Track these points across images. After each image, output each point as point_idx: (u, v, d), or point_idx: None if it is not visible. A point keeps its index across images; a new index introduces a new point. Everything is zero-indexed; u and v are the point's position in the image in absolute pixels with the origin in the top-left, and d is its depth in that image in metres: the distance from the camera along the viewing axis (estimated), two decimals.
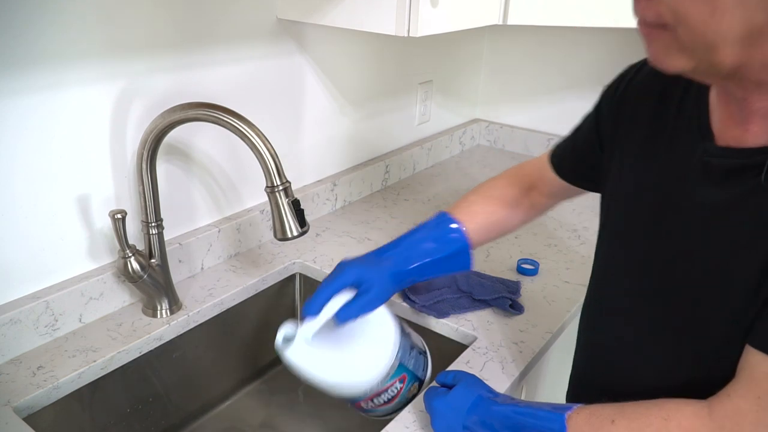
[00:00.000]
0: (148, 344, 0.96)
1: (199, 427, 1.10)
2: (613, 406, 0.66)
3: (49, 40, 0.84)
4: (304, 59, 1.26)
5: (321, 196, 1.38)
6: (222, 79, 1.10)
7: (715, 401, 0.60)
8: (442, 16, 1.04)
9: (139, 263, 0.94)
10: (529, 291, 1.13)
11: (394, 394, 0.83)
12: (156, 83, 1.00)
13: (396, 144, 1.65)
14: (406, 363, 0.83)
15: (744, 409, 0.57)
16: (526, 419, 0.69)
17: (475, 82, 1.92)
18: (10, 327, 0.87)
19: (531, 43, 1.80)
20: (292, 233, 0.85)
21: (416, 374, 0.85)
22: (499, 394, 0.76)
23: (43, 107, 0.86)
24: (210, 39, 1.06)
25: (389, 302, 0.87)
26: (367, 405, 0.84)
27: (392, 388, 0.82)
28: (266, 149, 0.81)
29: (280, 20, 1.17)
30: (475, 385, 0.77)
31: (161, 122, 0.87)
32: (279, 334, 0.82)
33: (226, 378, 1.15)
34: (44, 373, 0.87)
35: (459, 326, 1.02)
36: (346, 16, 1.06)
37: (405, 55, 1.56)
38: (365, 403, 0.83)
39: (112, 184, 0.98)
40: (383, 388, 0.81)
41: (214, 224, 1.17)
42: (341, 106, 1.41)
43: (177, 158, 1.07)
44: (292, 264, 1.21)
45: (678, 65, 0.55)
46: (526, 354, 0.96)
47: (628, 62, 0.98)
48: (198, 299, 1.06)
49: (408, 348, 0.84)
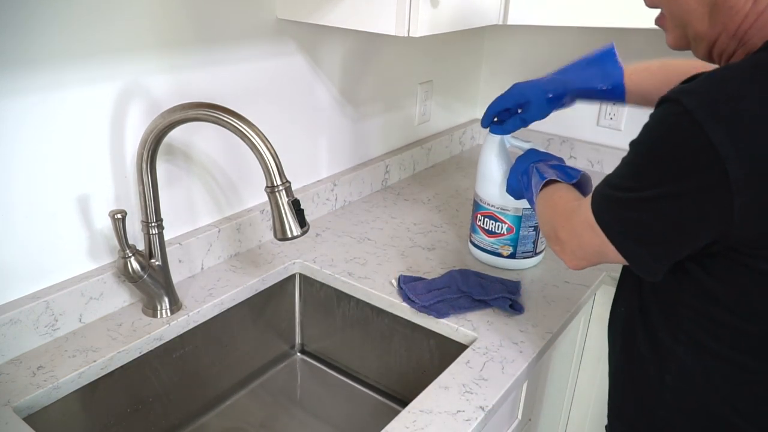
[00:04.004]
0: (148, 344, 0.96)
1: (199, 427, 1.10)
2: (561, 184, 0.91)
3: (48, 39, 0.84)
4: (304, 59, 1.26)
5: (321, 196, 1.38)
6: (222, 79, 1.10)
7: (580, 203, 0.77)
8: (442, 16, 1.04)
9: (139, 263, 0.94)
10: (529, 291, 1.13)
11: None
12: (156, 83, 1.00)
13: (396, 144, 1.65)
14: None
15: (578, 213, 0.75)
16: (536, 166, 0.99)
17: (475, 82, 1.92)
18: (10, 327, 0.87)
19: (531, 43, 1.80)
20: (292, 233, 0.85)
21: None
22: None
23: (43, 107, 0.86)
24: (210, 39, 1.06)
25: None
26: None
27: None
28: (266, 149, 0.81)
29: (280, 20, 1.17)
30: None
31: (161, 122, 0.87)
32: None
33: (226, 378, 1.15)
34: (44, 373, 0.87)
35: (459, 326, 1.02)
36: (346, 16, 1.06)
37: (405, 55, 1.56)
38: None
39: (112, 184, 0.98)
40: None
41: (214, 224, 1.17)
42: (341, 106, 1.41)
43: (177, 158, 1.07)
44: (292, 264, 1.21)
45: (676, 40, 0.73)
46: (526, 354, 0.96)
47: (627, 62, 0.98)
48: (198, 299, 1.06)
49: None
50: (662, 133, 0.63)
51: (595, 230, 0.71)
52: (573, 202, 0.82)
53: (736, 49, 0.67)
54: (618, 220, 0.69)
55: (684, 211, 0.62)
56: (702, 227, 0.62)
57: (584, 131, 1.76)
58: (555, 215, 0.84)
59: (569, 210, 0.80)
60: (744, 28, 0.65)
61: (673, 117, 0.61)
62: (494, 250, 1.19)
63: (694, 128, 0.58)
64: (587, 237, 0.73)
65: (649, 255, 0.68)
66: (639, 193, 0.65)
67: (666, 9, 0.72)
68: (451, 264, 1.20)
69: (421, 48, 1.61)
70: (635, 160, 0.67)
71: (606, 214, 0.70)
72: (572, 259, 0.79)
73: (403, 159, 1.64)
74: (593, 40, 1.67)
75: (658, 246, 0.67)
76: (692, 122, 0.58)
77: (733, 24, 0.65)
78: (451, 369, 0.92)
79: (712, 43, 0.69)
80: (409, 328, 1.09)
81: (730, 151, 0.57)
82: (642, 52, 1.61)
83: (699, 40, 0.70)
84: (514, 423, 1.06)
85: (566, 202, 0.84)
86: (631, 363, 0.80)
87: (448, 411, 0.84)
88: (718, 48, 0.69)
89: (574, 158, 1.78)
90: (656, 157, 0.64)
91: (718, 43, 0.68)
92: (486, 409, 0.85)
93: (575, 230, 0.76)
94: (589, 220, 0.71)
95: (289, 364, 1.27)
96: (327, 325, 1.22)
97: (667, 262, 0.68)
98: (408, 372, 1.13)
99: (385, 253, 1.24)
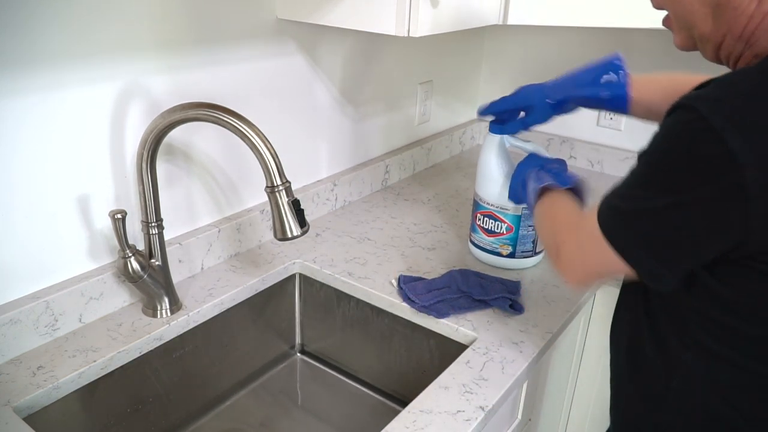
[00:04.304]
0: (148, 344, 0.96)
1: (199, 427, 1.10)
2: (564, 194, 0.90)
3: (48, 40, 0.84)
4: (304, 59, 1.26)
5: (321, 196, 1.38)
6: (222, 79, 1.10)
7: (583, 216, 0.76)
8: (442, 16, 1.04)
9: (139, 263, 0.94)
10: (529, 291, 1.13)
11: None
12: (156, 83, 1.00)
13: (396, 144, 1.65)
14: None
15: (582, 226, 0.74)
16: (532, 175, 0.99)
17: (475, 82, 1.92)
18: (10, 327, 0.87)
19: (531, 43, 1.80)
20: (292, 233, 0.85)
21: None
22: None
23: (43, 107, 0.86)
24: (210, 39, 1.06)
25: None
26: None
27: None
28: (266, 149, 0.81)
29: (280, 20, 1.17)
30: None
31: (161, 122, 0.87)
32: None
33: (226, 378, 1.15)
34: (44, 373, 0.87)
35: (459, 326, 1.02)
36: (346, 16, 1.06)
37: (405, 55, 1.56)
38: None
39: (112, 184, 0.98)
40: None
41: (214, 224, 1.17)
42: (341, 106, 1.41)
43: (177, 158, 1.07)
44: (292, 264, 1.21)
45: (683, 41, 0.72)
46: (526, 354, 0.96)
47: (627, 61, 0.98)
48: (198, 299, 1.06)
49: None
50: (677, 140, 0.61)
51: (601, 244, 0.69)
52: (575, 216, 0.81)
53: (743, 51, 0.66)
54: (628, 232, 0.67)
55: (699, 220, 0.61)
56: (718, 235, 0.61)
57: (584, 131, 1.76)
58: (556, 228, 0.82)
59: (572, 223, 0.79)
60: (750, 30, 0.64)
61: (689, 124, 0.60)
62: (494, 250, 1.19)
63: (711, 135, 0.57)
64: (592, 251, 0.71)
65: (662, 266, 0.66)
66: (651, 203, 0.63)
67: (670, 10, 0.72)
68: (451, 264, 1.20)
69: (421, 48, 1.61)
70: (646, 169, 0.65)
71: (615, 227, 0.68)
72: (574, 275, 0.76)
73: (403, 159, 1.64)
74: (594, 40, 1.68)
75: (671, 256, 0.65)
76: (709, 129, 0.57)
77: (738, 25, 0.65)
78: (451, 369, 0.92)
79: (719, 45, 0.68)
80: (409, 328, 1.09)
81: (750, 157, 0.56)
82: (643, 52, 1.61)
83: (705, 42, 0.69)
84: (514, 423, 1.06)
85: (567, 215, 0.82)
86: (636, 367, 0.79)
87: (448, 411, 0.84)
88: (724, 50, 0.68)
89: (574, 158, 1.79)
90: (670, 165, 0.62)
91: (725, 44, 0.67)
92: (486, 409, 0.85)
93: (580, 244, 0.74)
94: (595, 234, 0.69)
95: (289, 364, 1.27)
96: (327, 325, 1.22)
97: (681, 273, 0.66)
98: (408, 372, 1.13)
99: (385, 253, 1.24)
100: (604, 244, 0.69)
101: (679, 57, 1.48)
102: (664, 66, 1.56)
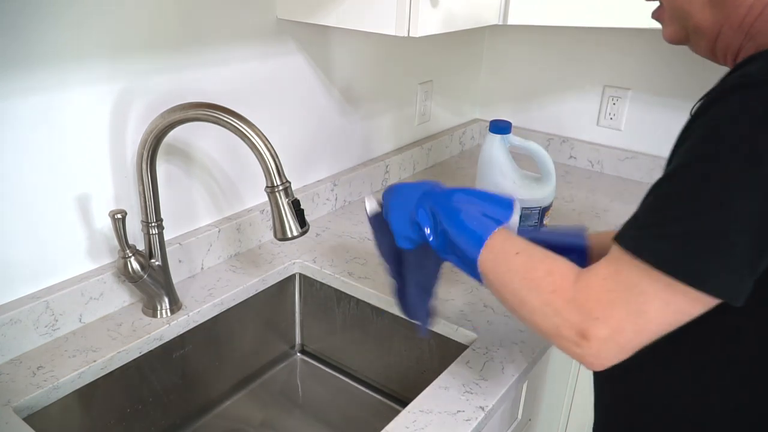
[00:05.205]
0: (148, 344, 0.96)
1: (199, 427, 1.10)
2: (524, 241, 0.69)
3: (49, 40, 0.84)
4: (304, 59, 1.26)
5: (321, 196, 1.38)
6: (222, 79, 1.10)
7: (583, 272, 0.62)
8: (442, 16, 1.04)
9: (139, 263, 0.94)
10: None
11: None
12: (156, 83, 1.00)
13: (396, 144, 1.65)
14: None
15: (593, 285, 0.60)
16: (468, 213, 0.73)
17: (475, 82, 1.92)
18: (10, 327, 0.87)
19: (531, 43, 1.80)
20: (292, 233, 0.85)
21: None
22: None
23: (44, 107, 0.86)
24: (210, 39, 1.06)
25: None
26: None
27: None
28: (266, 149, 0.82)
29: (280, 20, 1.17)
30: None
31: (161, 122, 0.87)
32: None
33: (226, 378, 1.15)
34: (44, 373, 0.87)
35: (459, 326, 1.02)
36: (346, 16, 1.06)
37: (405, 55, 1.56)
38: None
39: (112, 184, 0.98)
40: None
41: (214, 224, 1.17)
42: (341, 106, 1.41)
43: (177, 158, 1.07)
44: (292, 264, 1.21)
45: (673, 34, 0.69)
46: (526, 354, 0.96)
47: (627, 62, 0.97)
48: (198, 299, 1.06)
49: None
50: (757, 121, 0.52)
51: (640, 287, 0.57)
52: (571, 281, 0.63)
53: (743, 44, 0.63)
54: (683, 247, 0.55)
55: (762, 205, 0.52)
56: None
57: (584, 131, 1.76)
58: (560, 301, 0.62)
59: (585, 289, 0.61)
60: (750, 20, 0.61)
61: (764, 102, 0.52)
62: None
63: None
64: (654, 309, 0.57)
65: (729, 271, 0.54)
66: (695, 204, 0.55)
67: (665, 0, 0.69)
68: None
69: (421, 48, 1.61)
70: (706, 169, 0.55)
71: (662, 249, 0.56)
72: (620, 353, 0.60)
73: (403, 159, 1.64)
74: (594, 40, 1.68)
75: (735, 256, 0.54)
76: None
77: (738, 15, 0.62)
78: (451, 369, 0.92)
79: (715, 38, 0.65)
80: (409, 328, 1.09)
81: None
82: (643, 52, 1.61)
83: (700, 35, 0.66)
84: (514, 423, 1.06)
85: (563, 280, 0.63)
86: (630, 392, 0.73)
87: (448, 411, 0.84)
88: (721, 43, 0.65)
89: (574, 158, 1.79)
90: (756, 143, 0.52)
91: (722, 37, 0.64)
92: (486, 409, 0.85)
93: (638, 312, 0.58)
94: (631, 280, 0.57)
95: (289, 364, 1.27)
96: (327, 325, 1.22)
97: (751, 276, 0.55)
98: (408, 372, 1.13)
99: None
100: (646, 284, 0.57)
101: (679, 57, 1.48)
102: (665, 66, 1.57)
